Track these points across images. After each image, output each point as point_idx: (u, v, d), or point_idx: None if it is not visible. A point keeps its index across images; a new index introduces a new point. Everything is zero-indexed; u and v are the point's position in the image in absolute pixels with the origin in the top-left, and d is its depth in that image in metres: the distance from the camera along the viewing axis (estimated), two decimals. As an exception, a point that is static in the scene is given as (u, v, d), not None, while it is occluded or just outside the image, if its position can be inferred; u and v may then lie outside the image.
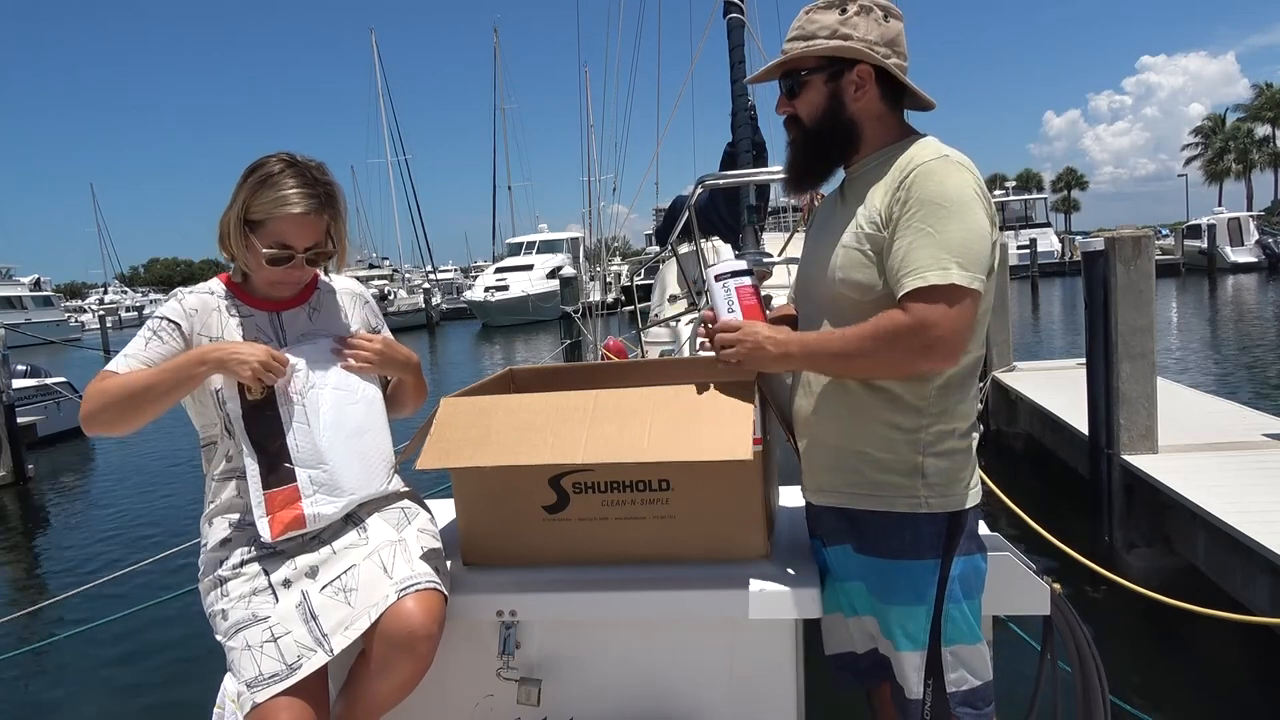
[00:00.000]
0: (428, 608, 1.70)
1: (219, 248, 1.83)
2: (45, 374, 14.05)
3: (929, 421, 1.62)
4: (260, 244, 1.77)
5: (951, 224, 1.52)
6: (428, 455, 1.81)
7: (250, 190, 1.75)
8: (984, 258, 1.54)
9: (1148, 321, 5.50)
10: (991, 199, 1.60)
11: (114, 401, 1.71)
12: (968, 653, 1.66)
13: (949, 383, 1.63)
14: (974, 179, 1.58)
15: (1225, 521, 4.39)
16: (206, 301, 1.83)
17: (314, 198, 1.77)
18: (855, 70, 1.65)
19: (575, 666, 1.89)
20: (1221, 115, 64.99)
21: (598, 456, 1.74)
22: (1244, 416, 6.79)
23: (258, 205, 1.75)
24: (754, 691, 1.83)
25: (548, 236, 41.20)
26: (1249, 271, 35.52)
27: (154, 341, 1.78)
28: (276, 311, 1.88)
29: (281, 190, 1.74)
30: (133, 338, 1.81)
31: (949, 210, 1.53)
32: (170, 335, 1.79)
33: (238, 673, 1.66)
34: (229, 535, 1.79)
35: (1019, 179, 68.42)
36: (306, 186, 1.76)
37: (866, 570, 1.70)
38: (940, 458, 1.63)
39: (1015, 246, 34.22)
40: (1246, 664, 4.35)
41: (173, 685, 5.03)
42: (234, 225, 1.77)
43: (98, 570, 6.54)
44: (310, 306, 1.92)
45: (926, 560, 1.63)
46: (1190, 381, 9.68)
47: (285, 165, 1.77)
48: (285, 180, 1.75)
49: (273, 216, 1.75)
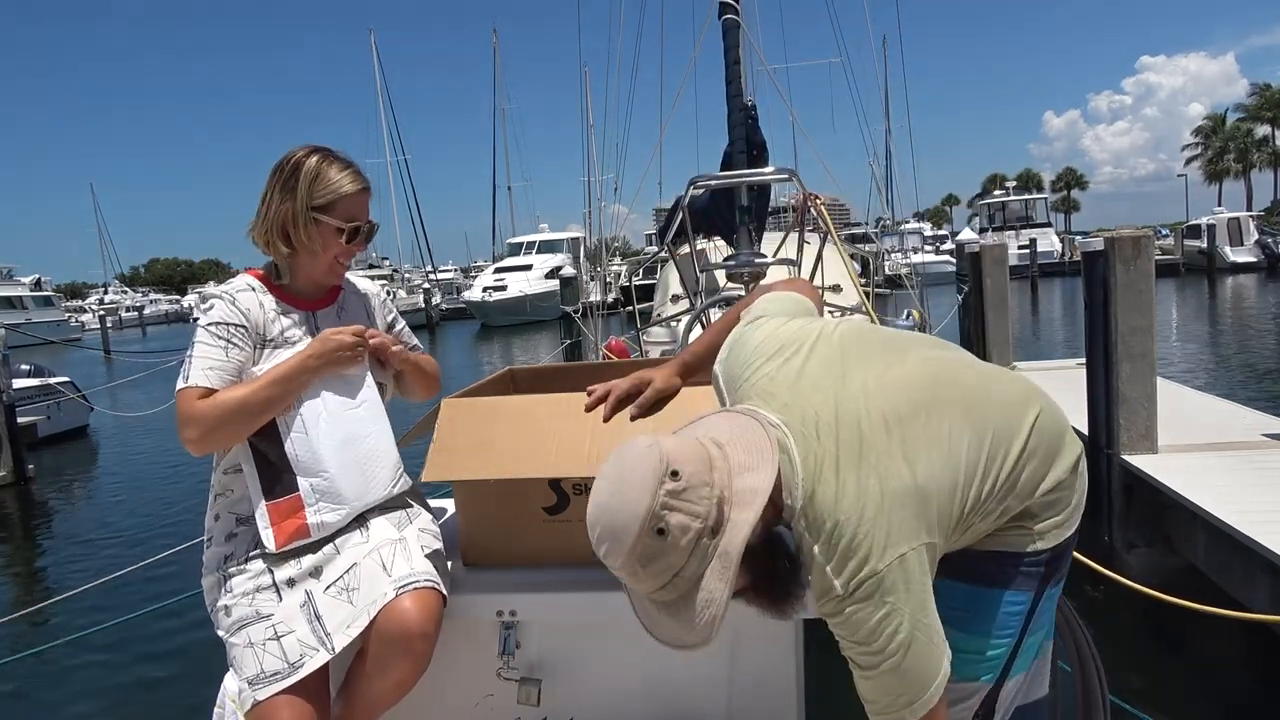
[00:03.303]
0: (425, 606, 1.70)
1: (261, 244, 1.87)
2: (49, 373, 14.05)
3: None
4: (334, 224, 1.85)
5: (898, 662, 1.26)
6: (433, 467, 1.83)
7: (308, 181, 1.83)
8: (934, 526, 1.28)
9: (1148, 321, 5.50)
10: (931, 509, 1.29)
11: (233, 419, 1.74)
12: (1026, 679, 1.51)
13: None
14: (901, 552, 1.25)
15: (1225, 521, 4.39)
16: (250, 299, 1.85)
17: (363, 175, 1.91)
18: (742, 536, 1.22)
19: (575, 666, 1.89)
20: (1222, 115, 65.04)
21: None
22: (1244, 416, 6.79)
23: (322, 191, 1.84)
24: (754, 691, 1.84)
25: (547, 236, 41.13)
26: (1249, 271, 35.50)
27: (233, 349, 1.79)
28: (312, 311, 1.93)
29: (340, 173, 1.86)
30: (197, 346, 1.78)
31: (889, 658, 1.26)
32: (244, 339, 1.81)
33: (239, 670, 1.67)
34: (234, 531, 1.80)
35: (1019, 179, 68.39)
36: (351, 167, 1.89)
37: None
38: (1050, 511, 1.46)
39: (1015, 246, 34.17)
40: (1247, 664, 4.36)
41: (173, 684, 5.03)
42: (301, 216, 1.82)
43: (98, 570, 6.53)
44: (339, 306, 1.98)
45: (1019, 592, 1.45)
46: (1190, 381, 9.67)
47: (324, 153, 1.88)
48: (334, 165, 1.87)
49: (340, 196, 1.85)
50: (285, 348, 1.84)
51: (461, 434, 1.84)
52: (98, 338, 36.97)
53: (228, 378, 1.76)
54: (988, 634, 1.45)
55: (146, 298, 71.46)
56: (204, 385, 1.74)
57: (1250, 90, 61.39)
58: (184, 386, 1.74)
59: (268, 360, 1.81)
